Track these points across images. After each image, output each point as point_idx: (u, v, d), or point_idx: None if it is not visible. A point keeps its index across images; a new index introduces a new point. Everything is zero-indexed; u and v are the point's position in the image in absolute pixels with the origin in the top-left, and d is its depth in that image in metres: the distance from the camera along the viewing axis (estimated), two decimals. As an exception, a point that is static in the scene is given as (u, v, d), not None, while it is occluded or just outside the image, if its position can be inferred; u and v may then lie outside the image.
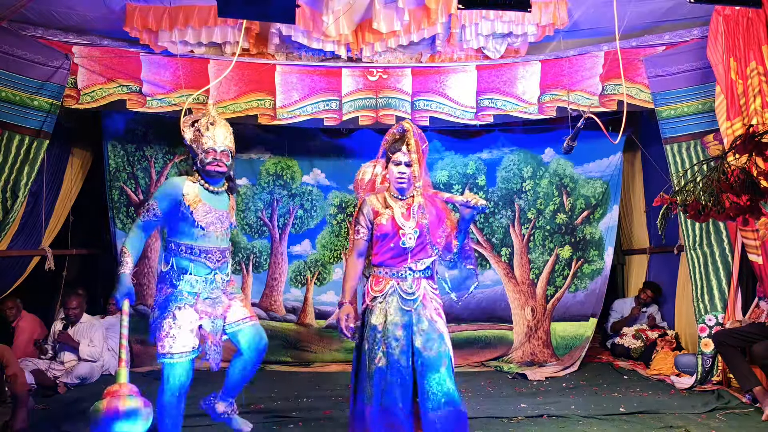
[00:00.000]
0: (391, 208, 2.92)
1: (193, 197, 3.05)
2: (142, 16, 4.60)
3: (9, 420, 3.59)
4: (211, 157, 3.07)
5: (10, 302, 5.14)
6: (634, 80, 5.12)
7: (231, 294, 3.23)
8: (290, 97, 5.25)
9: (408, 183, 2.91)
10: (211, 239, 3.10)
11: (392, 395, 2.75)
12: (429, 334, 2.82)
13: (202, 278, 3.07)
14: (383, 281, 2.91)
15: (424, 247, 2.91)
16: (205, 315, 3.07)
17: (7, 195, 4.59)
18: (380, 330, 2.84)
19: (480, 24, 4.64)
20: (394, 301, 2.87)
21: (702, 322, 4.79)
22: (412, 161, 2.86)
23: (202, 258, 3.08)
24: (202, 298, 3.07)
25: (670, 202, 2.48)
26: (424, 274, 2.92)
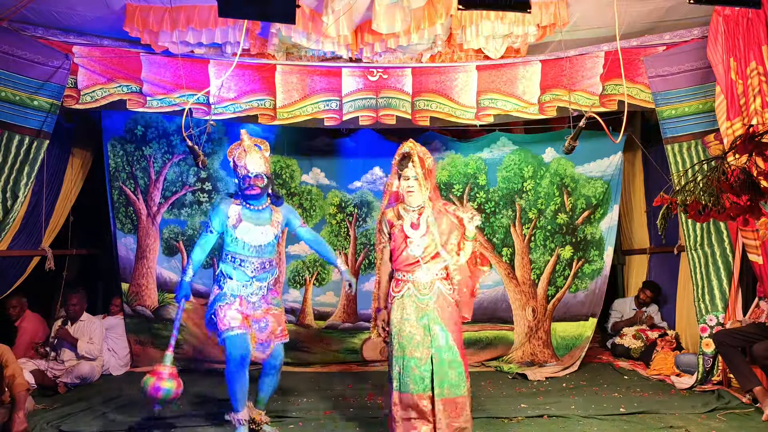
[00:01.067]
0: (402, 219, 3.35)
1: (235, 218, 3.62)
2: (142, 17, 4.60)
3: (6, 422, 3.58)
4: (246, 183, 3.58)
5: (14, 301, 5.14)
6: (635, 80, 5.12)
7: (269, 304, 3.71)
8: (290, 97, 5.25)
9: (414, 196, 3.30)
10: (250, 251, 3.61)
11: (408, 382, 3.18)
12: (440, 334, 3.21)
13: (241, 284, 3.62)
14: (401, 284, 3.33)
15: (436, 255, 3.29)
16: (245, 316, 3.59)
17: (7, 195, 4.59)
18: (397, 326, 3.26)
19: (480, 24, 4.64)
20: (410, 301, 3.27)
21: (703, 322, 4.79)
22: (417, 175, 3.26)
23: (241, 266, 3.62)
24: (245, 300, 3.61)
25: (671, 202, 2.48)
26: (437, 276, 3.30)
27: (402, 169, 3.32)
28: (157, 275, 5.92)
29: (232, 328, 3.51)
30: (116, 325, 5.73)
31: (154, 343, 5.87)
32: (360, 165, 6.11)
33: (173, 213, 5.92)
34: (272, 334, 3.66)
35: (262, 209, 3.67)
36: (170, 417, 4.03)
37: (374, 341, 6.00)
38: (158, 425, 3.91)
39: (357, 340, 6.01)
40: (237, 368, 3.48)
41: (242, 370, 3.49)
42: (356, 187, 6.11)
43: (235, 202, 3.67)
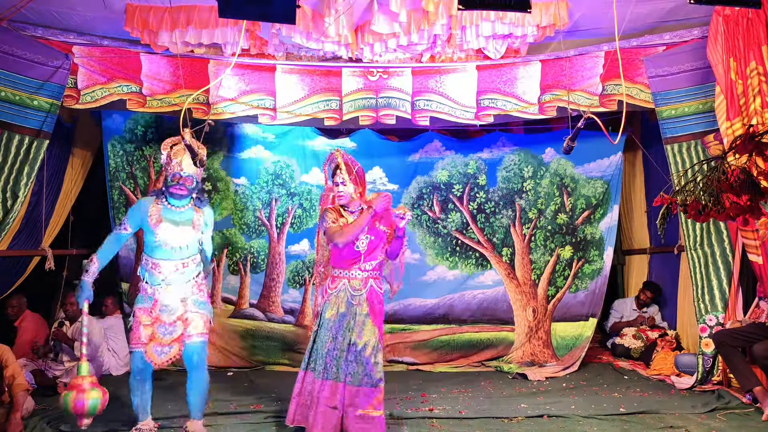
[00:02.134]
0: (345, 218, 3.55)
1: (155, 217, 3.53)
2: (142, 16, 4.60)
3: (4, 422, 3.58)
4: (175, 181, 3.55)
5: (14, 300, 5.14)
6: (635, 80, 5.12)
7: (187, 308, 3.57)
8: (290, 97, 5.25)
9: (345, 199, 3.54)
10: (164, 253, 3.53)
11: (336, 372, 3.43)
12: (363, 324, 3.47)
13: (154, 287, 3.54)
14: (337, 280, 3.55)
15: (375, 249, 3.54)
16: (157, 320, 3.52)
17: (8, 195, 4.59)
18: (332, 321, 3.47)
19: (480, 25, 4.64)
20: (344, 296, 3.51)
21: (702, 322, 4.79)
22: (345, 181, 3.53)
23: (153, 269, 3.54)
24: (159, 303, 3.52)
25: (671, 202, 2.48)
26: (371, 273, 3.56)
27: (332, 176, 3.60)
28: (156, 275, 5.91)
29: (135, 345, 3.53)
30: (116, 325, 5.72)
31: (153, 343, 5.86)
32: (360, 165, 6.09)
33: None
34: (179, 339, 3.51)
35: (183, 210, 3.59)
36: (170, 415, 4.01)
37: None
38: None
39: (357, 340, 6.00)
40: (135, 381, 3.58)
41: (141, 384, 3.58)
42: (356, 187, 6.10)
43: (156, 201, 3.58)
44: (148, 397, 3.60)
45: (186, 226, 3.57)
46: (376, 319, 3.51)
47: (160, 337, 3.50)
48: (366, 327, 3.46)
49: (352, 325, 3.46)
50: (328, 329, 3.47)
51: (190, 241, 3.58)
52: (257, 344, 5.91)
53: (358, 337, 3.43)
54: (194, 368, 3.56)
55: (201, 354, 3.57)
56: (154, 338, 3.51)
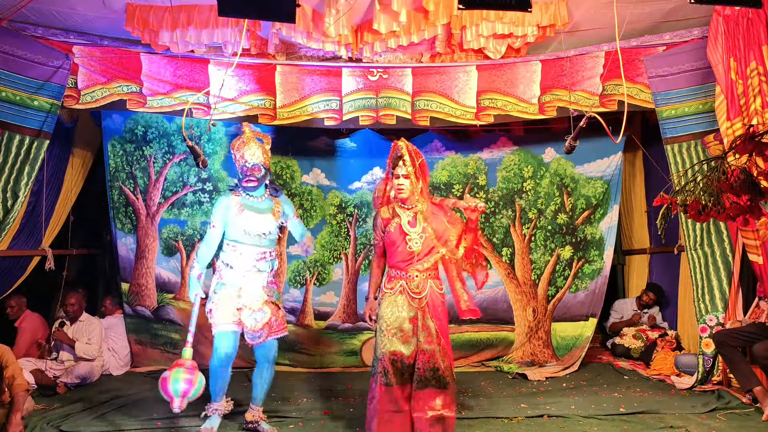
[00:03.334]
0: (399, 216, 3.42)
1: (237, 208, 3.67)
2: (142, 16, 4.60)
3: (4, 423, 3.58)
4: (243, 173, 3.69)
5: (13, 301, 5.14)
6: (635, 80, 5.12)
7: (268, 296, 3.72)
8: (290, 97, 5.25)
9: (405, 193, 3.37)
10: (252, 239, 3.66)
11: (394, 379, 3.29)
12: (431, 330, 3.32)
13: (241, 273, 3.65)
14: (394, 280, 3.42)
15: (431, 249, 3.38)
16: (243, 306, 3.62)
17: (8, 195, 4.59)
18: (387, 320, 3.34)
19: (480, 25, 4.64)
20: (402, 298, 3.36)
21: (703, 322, 4.79)
22: (408, 174, 3.33)
23: (242, 255, 3.66)
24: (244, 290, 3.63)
25: (671, 202, 2.48)
26: (429, 274, 3.40)
27: (394, 167, 3.41)
28: (156, 275, 5.91)
29: (224, 324, 3.58)
30: (116, 325, 5.72)
31: (153, 343, 5.86)
32: (360, 165, 6.10)
33: (173, 213, 5.91)
34: (268, 325, 3.66)
35: (261, 200, 3.75)
36: (169, 417, 4.02)
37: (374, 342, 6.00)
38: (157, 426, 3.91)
39: (357, 342, 6.01)
40: (220, 364, 3.60)
41: (225, 368, 3.62)
42: (356, 188, 6.10)
43: (234, 194, 3.74)
44: (227, 382, 3.71)
45: (267, 214, 3.72)
46: (438, 321, 3.36)
47: (252, 325, 3.60)
48: (431, 332, 3.32)
49: (413, 328, 3.32)
50: (385, 331, 3.34)
51: (272, 228, 3.72)
52: (257, 344, 5.91)
53: (427, 343, 3.30)
54: (271, 363, 3.77)
55: (276, 349, 3.79)
56: (244, 325, 3.61)
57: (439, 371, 3.28)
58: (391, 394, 3.28)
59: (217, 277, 3.72)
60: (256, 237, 3.66)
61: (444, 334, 3.38)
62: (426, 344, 3.30)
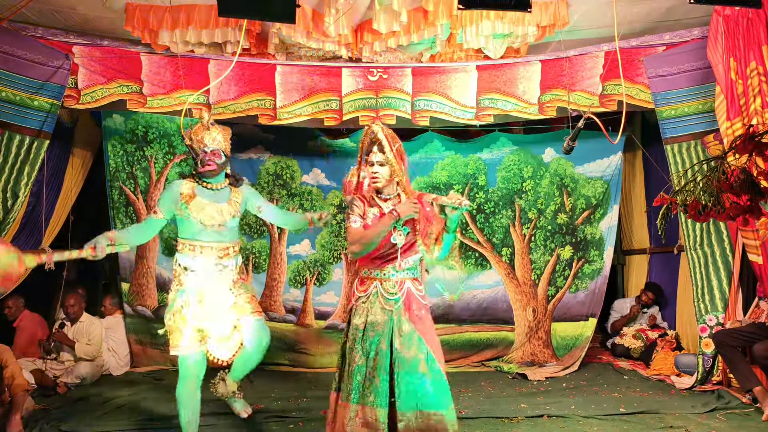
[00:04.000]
0: (378, 206, 2.89)
1: (188, 194, 3.24)
2: (142, 16, 4.60)
3: (4, 423, 3.58)
4: (201, 158, 3.30)
5: (11, 301, 5.14)
6: (635, 80, 5.12)
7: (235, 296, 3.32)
8: (290, 97, 5.25)
9: (383, 182, 2.87)
10: (208, 235, 3.25)
11: (369, 394, 2.69)
12: (409, 335, 2.75)
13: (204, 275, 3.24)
14: (367, 282, 2.91)
15: (413, 245, 2.90)
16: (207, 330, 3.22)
17: (8, 195, 4.59)
18: (361, 329, 2.82)
19: (480, 24, 4.64)
20: (376, 301, 2.85)
21: (702, 322, 4.79)
22: (384, 161, 2.83)
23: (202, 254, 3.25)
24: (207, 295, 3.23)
25: (671, 202, 2.48)
26: (408, 274, 2.89)
27: (368, 153, 2.88)
28: (156, 275, 5.92)
29: (186, 346, 3.13)
30: (116, 325, 5.72)
31: (153, 343, 5.86)
32: (359, 165, 6.10)
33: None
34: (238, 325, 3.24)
35: (219, 189, 3.33)
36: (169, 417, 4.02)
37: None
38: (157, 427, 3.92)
39: (357, 341, 6.01)
40: (187, 390, 3.13)
41: (194, 393, 3.15)
42: (356, 188, 6.10)
43: (188, 179, 3.32)
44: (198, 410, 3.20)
45: (223, 204, 3.29)
46: (420, 327, 2.78)
47: (220, 334, 3.16)
48: (412, 338, 2.74)
49: (390, 336, 2.76)
50: (358, 341, 2.79)
51: (228, 218, 3.27)
52: (257, 344, 5.91)
53: (404, 352, 2.72)
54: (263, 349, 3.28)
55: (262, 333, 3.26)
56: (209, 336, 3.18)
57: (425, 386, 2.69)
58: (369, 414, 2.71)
59: (176, 284, 3.28)
60: (213, 230, 3.22)
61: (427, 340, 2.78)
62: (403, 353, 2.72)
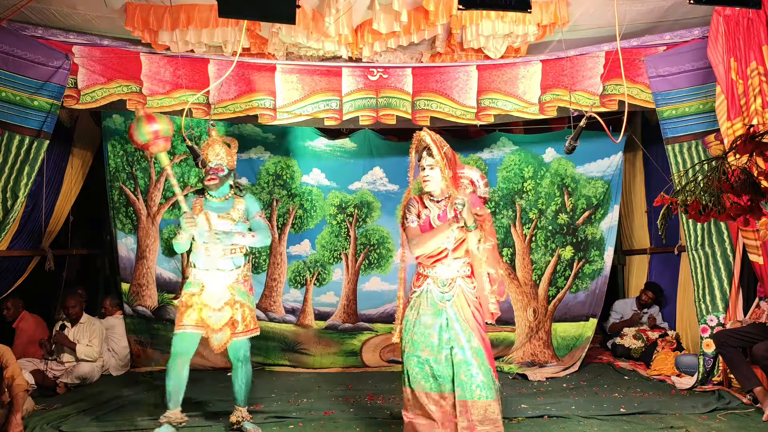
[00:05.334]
0: (429, 209, 3.17)
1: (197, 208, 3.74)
2: (142, 16, 4.60)
3: (4, 423, 3.58)
4: (205, 173, 3.79)
5: (9, 302, 5.13)
6: (635, 80, 5.11)
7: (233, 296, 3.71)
8: (290, 97, 5.25)
9: (432, 184, 3.13)
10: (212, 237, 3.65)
11: (422, 382, 3.04)
12: (461, 330, 3.01)
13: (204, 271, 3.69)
14: (422, 278, 3.14)
15: (459, 246, 3.09)
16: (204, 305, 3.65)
17: (7, 195, 4.59)
18: (412, 323, 3.08)
19: (481, 24, 4.64)
20: (429, 297, 3.08)
21: (703, 322, 4.79)
22: (434, 164, 3.10)
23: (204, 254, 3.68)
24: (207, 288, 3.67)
25: (671, 202, 2.47)
26: (460, 272, 3.09)
27: (419, 159, 3.18)
28: (156, 275, 5.91)
29: (184, 325, 3.61)
30: (116, 326, 5.72)
31: (153, 344, 5.86)
32: (360, 165, 6.10)
33: (174, 213, 5.91)
34: (230, 326, 3.66)
35: (224, 200, 3.82)
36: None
37: (374, 342, 5.99)
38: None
39: (357, 342, 6.00)
40: (174, 364, 3.62)
41: (180, 367, 3.62)
42: (356, 188, 6.10)
43: (198, 197, 3.84)
44: (182, 384, 3.67)
45: (227, 212, 3.77)
46: (469, 322, 3.02)
47: (211, 323, 3.62)
48: (462, 333, 3.00)
49: (444, 331, 3.01)
50: (412, 334, 3.06)
51: (230, 227, 3.73)
52: (258, 344, 5.87)
53: (456, 344, 2.99)
54: (242, 362, 3.77)
55: (248, 349, 3.79)
56: (204, 324, 3.62)
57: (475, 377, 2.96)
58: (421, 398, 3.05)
59: (188, 275, 3.79)
60: (217, 235, 3.64)
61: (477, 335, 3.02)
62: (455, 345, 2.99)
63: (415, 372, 3.04)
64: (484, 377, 2.96)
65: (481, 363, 2.98)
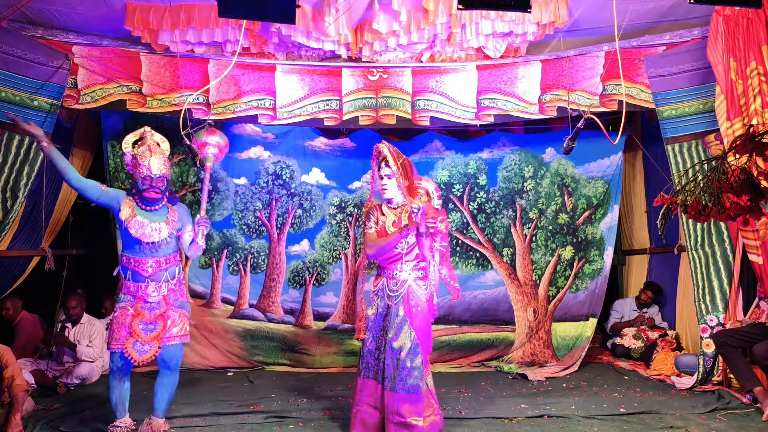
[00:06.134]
0: (386, 216, 3.53)
1: (128, 212, 3.51)
2: (142, 16, 4.60)
3: (4, 423, 3.57)
4: (147, 184, 3.51)
5: (8, 302, 5.13)
6: (635, 80, 5.11)
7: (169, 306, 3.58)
8: (290, 97, 5.25)
9: (389, 192, 3.49)
10: (143, 251, 3.52)
11: (371, 373, 3.50)
12: (401, 326, 3.41)
13: (136, 285, 3.53)
14: (379, 280, 3.55)
15: (411, 250, 3.45)
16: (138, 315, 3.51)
17: (7, 195, 4.59)
18: (371, 320, 3.53)
19: (480, 23, 4.64)
20: (383, 296, 3.50)
21: (703, 322, 4.79)
22: (391, 174, 3.44)
23: (136, 268, 3.52)
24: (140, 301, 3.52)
25: (671, 202, 2.48)
26: (414, 275, 3.48)
27: (378, 168, 3.53)
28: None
29: (115, 344, 3.48)
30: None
31: (153, 344, 5.85)
32: (360, 165, 6.10)
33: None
34: (159, 338, 3.50)
35: (157, 209, 3.58)
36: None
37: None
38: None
39: (357, 342, 5.99)
40: (113, 380, 3.56)
41: (119, 382, 3.56)
42: (356, 187, 6.10)
43: (129, 197, 3.57)
44: (126, 395, 3.61)
45: (160, 223, 3.53)
46: (413, 321, 3.41)
47: (140, 334, 3.47)
48: (403, 329, 3.40)
49: (389, 326, 3.42)
50: (369, 329, 3.51)
51: (164, 236, 3.53)
52: (257, 344, 5.91)
53: (395, 339, 3.38)
54: (171, 370, 3.59)
55: (179, 356, 3.62)
56: (134, 334, 3.47)
57: (405, 371, 3.35)
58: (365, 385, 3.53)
59: (119, 288, 3.62)
60: (148, 247, 3.49)
61: (418, 334, 3.40)
62: (394, 340, 3.38)
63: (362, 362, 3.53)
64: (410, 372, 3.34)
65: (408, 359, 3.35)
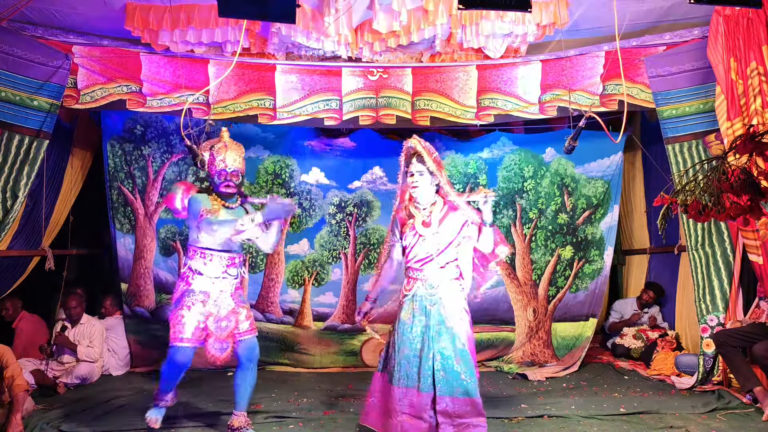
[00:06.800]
0: (414, 217, 3.32)
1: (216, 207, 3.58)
2: (142, 16, 4.60)
3: (4, 423, 3.58)
4: (223, 178, 3.61)
5: (8, 303, 5.13)
6: (635, 80, 5.11)
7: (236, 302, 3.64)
8: (290, 97, 5.25)
9: (420, 191, 3.27)
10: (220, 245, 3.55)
11: (412, 379, 3.21)
12: (443, 331, 3.20)
13: (211, 280, 3.57)
14: (411, 282, 3.33)
15: (444, 250, 3.27)
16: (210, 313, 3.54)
17: (7, 195, 4.59)
18: (406, 323, 3.26)
19: (480, 24, 4.64)
20: (418, 299, 3.26)
21: (704, 322, 4.79)
22: (423, 171, 3.24)
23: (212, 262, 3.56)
24: (212, 297, 3.56)
25: (671, 202, 2.48)
26: (447, 275, 3.28)
27: (408, 165, 3.32)
28: (154, 276, 5.89)
29: (182, 339, 3.48)
30: (116, 326, 5.72)
31: (153, 344, 5.85)
32: (360, 165, 6.10)
33: (170, 213, 5.89)
34: (235, 333, 3.58)
35: (235, 207, 3.68)
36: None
37: (374, 343, 5.98)
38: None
39: (356, 342, 6.00)
40: (172, 371, 3.56)
41: (177, 376, 3.60)
42: (356, 187, 6.10)
43: (211, 197, 3.65)
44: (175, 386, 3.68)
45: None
46: (454, 323, 3.22)
47: (218, 333, 3.52)
48: (443, 333, 3.20)
49: (430, 331, 3.21)
50: (403, 333, 3.25)
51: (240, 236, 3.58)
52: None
53: (439, 344, 3.18)
54: (251, 361, 3.64)
55: (257, 348, 3.68)
56: (210, 334, 3.52)
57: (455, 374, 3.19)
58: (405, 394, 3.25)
59: (184, 284, 3.58)
60: (226, 242, 3.53)
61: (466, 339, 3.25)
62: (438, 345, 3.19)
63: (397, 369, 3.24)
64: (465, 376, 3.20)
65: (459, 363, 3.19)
